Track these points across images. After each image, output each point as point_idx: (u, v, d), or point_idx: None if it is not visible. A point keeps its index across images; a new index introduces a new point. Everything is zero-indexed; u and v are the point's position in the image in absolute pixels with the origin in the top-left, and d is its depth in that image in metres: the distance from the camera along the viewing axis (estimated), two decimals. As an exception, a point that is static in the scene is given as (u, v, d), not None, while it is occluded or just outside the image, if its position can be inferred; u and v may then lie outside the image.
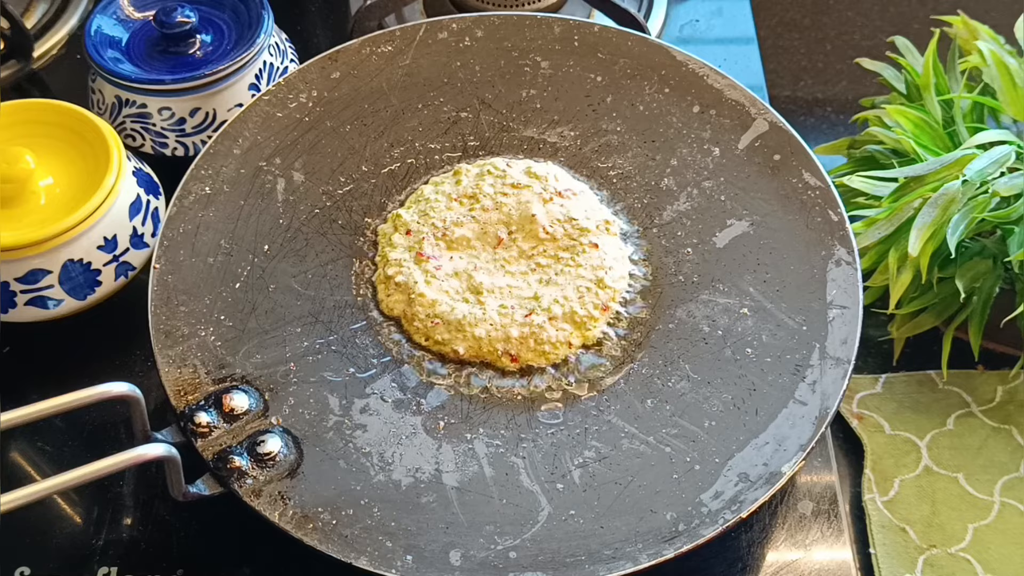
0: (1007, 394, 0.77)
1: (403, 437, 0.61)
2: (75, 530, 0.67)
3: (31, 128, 0.73)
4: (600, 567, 0.56)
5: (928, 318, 0.75)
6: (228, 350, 0.63)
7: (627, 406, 0.62)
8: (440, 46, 0.77)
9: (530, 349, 0.64)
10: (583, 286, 0.66)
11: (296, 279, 0.67)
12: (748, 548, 0.66)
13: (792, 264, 0.67)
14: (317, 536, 0.57)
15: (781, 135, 0.72)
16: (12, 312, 0.70)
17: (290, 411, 0.61)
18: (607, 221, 0.69)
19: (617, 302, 0.66)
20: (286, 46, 0.85)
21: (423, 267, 0.67)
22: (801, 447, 0.59)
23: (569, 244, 0.67)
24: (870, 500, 0.72)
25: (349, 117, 0.74)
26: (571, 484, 0.59)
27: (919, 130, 0.77)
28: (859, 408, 0.76)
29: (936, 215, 0.69)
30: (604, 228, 0.68)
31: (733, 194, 0.70)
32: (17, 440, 0.70)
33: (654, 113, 0.74)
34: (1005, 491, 0.72)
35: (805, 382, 0.62)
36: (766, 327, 0.64)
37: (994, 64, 0.76)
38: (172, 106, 0.78)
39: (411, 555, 0.57)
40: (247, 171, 0.71)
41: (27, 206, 0.70)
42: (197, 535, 0.66)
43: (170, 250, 0.67)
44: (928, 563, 0.69)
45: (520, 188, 0.70)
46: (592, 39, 0.77)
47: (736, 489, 0.58)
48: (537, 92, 0.75)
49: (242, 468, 0.58)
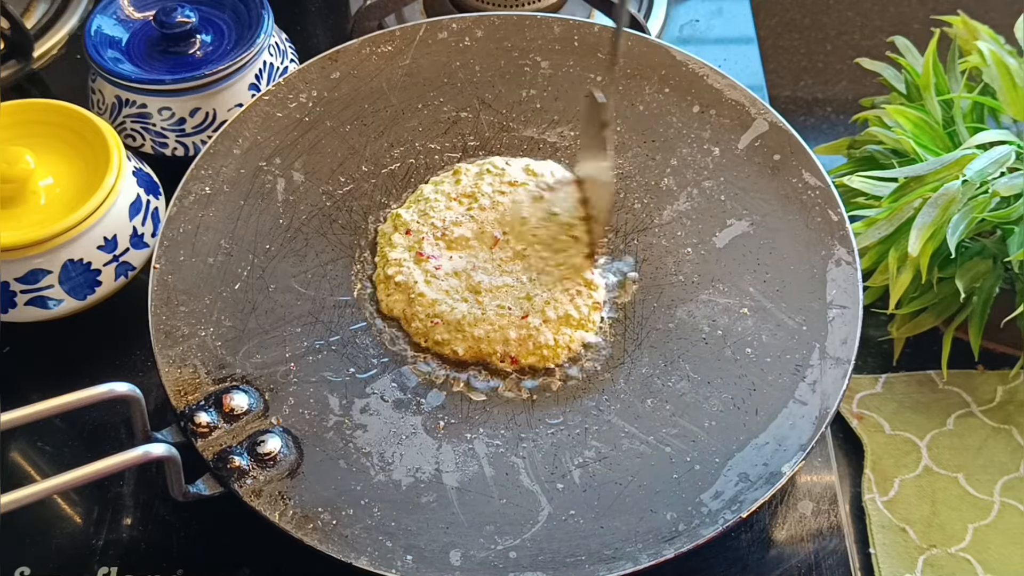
0: (1007, 394, 0.77)
1: (403, 437, 0.61)
2: (75, 530, 0.67)
3: (31, 128, 0.73)
4: (600, 567, 0.56)
5: (928, 318, 0.75)
6: (228, 350, 0.63)
7: (627, 406, 0.62)
8: (440, 46, 0.77)
9: (529, 352, 0.64)
10: (573, 288, 0.66)
11: (296, 279, 0.67)
12: (748, 548, 0.66)
13: (792, 264, 0.67)
14: (317, 536, 0.57)
15: (781, 135, 0.72)
16: (12, 312, 0.70)
17: (290, 411, 0.61)
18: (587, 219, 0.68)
19: (610, 303, 0.66)
20: (286, 46, 0.85)
21: (423, 267, 0.67)
22: (801, 447, 0.59)
23: (554, 242, 0.67)
24: (870, 500, 0.72)
25: (349, 117, 0.74)
26: (571, 484, 0.59)
27: (919, 130, 0.77)
28: (859, 408, 0.76)
29: (936, 215, 0.69)
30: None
31: (733, 194, 0.70)
32: (17, 440, 0.70)
33: (654, 113, 0.74)
34: (1005, 491, 0.72)
35: (805, 382, 0.62)
36: (766, 327, 0.64)
37: (994, 64, 0.76)
38: (172, 106, 0.78)
39: (411, 555, 0.57)
40: (247, 171, 0.71)
41: (27, 206, 0.70)
42: (197, 535, 0.66)
43: (170, 250, 0.67)
44: (928, 563, 0.69)
45: (516, 186, 0.70)
46: (592, 39, 0.77)
47: (736, 489, 0.58)
48: (537, 92, 0.75)
49: (242, 468, 0.58)
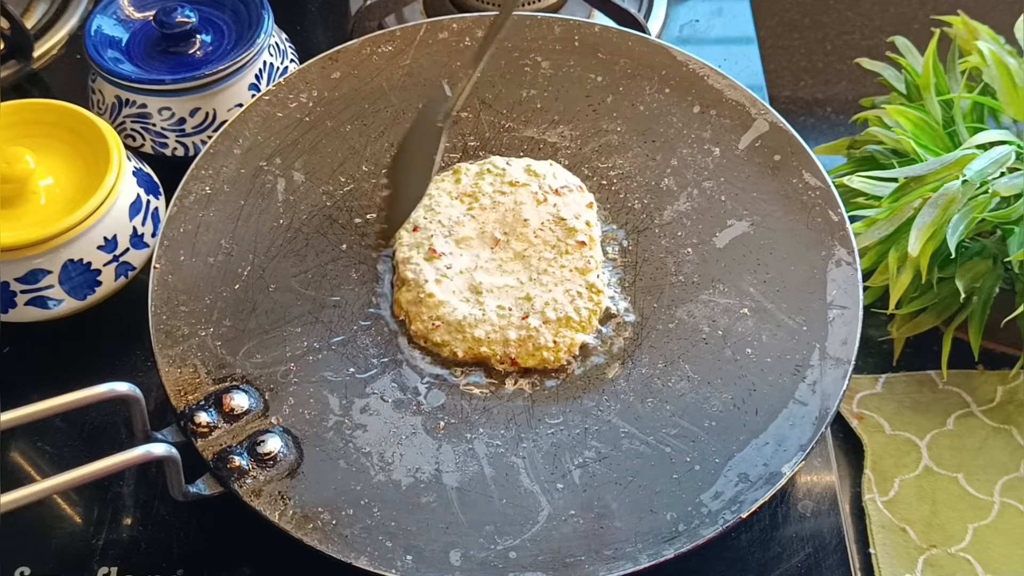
0: (1007, 394, 0.77)
1: (403, 437, 0.61)
2: (75, 530, 0.67)
3: (31, 128, 0.73)
4: (600, 567, 0.56)
5: (928, 318, 0.75)
6: (228, 350, 0.63)
7: (627, 406, 0.62)
8: (440, 46, 0.77)
9: (529, 353, 0.64)
10: (574, 290, 0.66)
11: (296, 279, 0.67)
12: (748, 548, 0.66)
13: (792, 264, 0.67)
14: (317, 536, 0.57)
15: (781, 135, 0.72)
16: (12, 312, 0.70)
17: (290, 411, 0.61)
18: (588, 223, 0.68)
19: (610, 303, 0.66)
20: (286, 46, 0.85)
21: (435, 264, 0.66)
22: (801, 447, 0.59)
23: (556, 244, 0.67)
24: (870, 500, 0.72)
25: (349, 117, 0.74)
26: (571, 484, 0.59)
27: (919, 130, 0.77)
28: (859, 408, 0.76)
29: (936, 215, 0.69)
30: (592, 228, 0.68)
31: (733, 194, 0.70)
32: (17, 440, 0.70)
33: (654, 113, 0.74)
34: (1005, 491, 0.72)
35: (805, 382, 0.62)
36: (766, 327, 0.64)
37: (994, 64, 0.76)
38: (172, 106, 0.78)
39: (411, 555, 0.57)
40: (247, 171, 0.71)
41: (27, 206, 0.70)
42: (197, 535, 0.66)
43: (170, 250, 0.67)
44: (928, 563, 0.69)
45: (517, 187, 0.70)
46: (592, 39, 0.77)
47: (736, 489, 0.58)
48: (537, 92, 0.75)
49: (242, 468, 0.58)
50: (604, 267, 0.67)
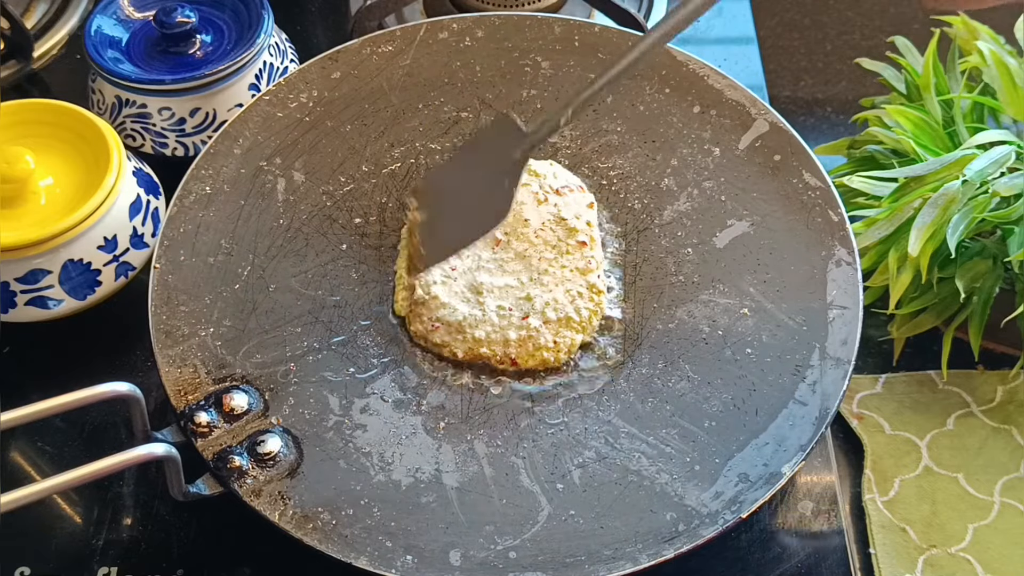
0: (1007, 394, 0.77)
1: (403, 437, 0.61)
2: (75, 530, 0.67)
3: (31, 128, 0.73)
4: (600, 567, 0.56)
5: (928, 318, 0.75)
6: (228, 350, 0.63)
7: (627, 406, 0.62)
8: (440, 46, 0.77)
9: (528, 353, 0.64)
10: (575, 290, 0.65)
11: (296, 279, 0.67)
12: (748, 548, 0.66)
13: (792, 264, 0.67)
14: (317, 536, 0.57)
15: (781, 135, 0.72)
16: (12, 312, 0.70)
17: (290, 411, 0.61)
18: (589, 223, 0.68)
19: (610, 303, 0.66)
20: (286, 46, 0.85)
21: (440, 264, 0.66)
22: (801, 447, 0.59)
23: (557, 244, 0.67)
24: (870, 500, 0.72)
25: (349, 117, 0.74)
26: (571, 484, 0.59)
27: (919, 130, 0.76)
28: (859, 408, 0.76)
29: (936, 215, 0.69)
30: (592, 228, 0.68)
31: (733, 194, 0.70)
32: (17, 440, 0.70)
33: (654, 113, 0.74)
34: (1005, 491, 0.72)
35: (805, 382, 0.62)
36: (766, 327, 0.64)
37: (994, 64, 0.76)
38: (172, 106, 0.78)
39: (411, 555, 0.57)
40: (247, 171, 0.71)
41: (27, 206, 0.70)
42: (197, 535, 0.66)
43: (170, 250, 0.67)
44: (928, 563, 0.69)
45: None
46: (592, 39, 0.77)
47: (736, 489, 0.58)
48: (538, 92, 0.75)
49: (242, 468, 0.58)
50: (604, 267, 0.67)
